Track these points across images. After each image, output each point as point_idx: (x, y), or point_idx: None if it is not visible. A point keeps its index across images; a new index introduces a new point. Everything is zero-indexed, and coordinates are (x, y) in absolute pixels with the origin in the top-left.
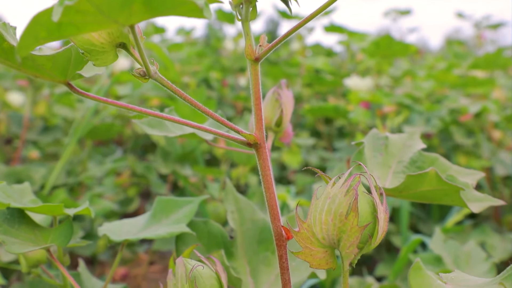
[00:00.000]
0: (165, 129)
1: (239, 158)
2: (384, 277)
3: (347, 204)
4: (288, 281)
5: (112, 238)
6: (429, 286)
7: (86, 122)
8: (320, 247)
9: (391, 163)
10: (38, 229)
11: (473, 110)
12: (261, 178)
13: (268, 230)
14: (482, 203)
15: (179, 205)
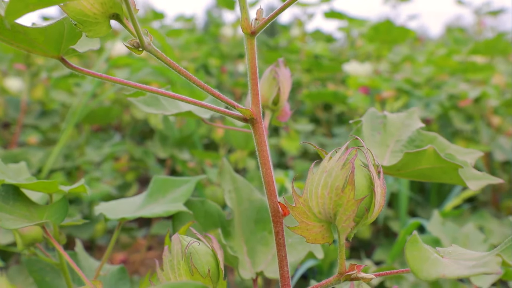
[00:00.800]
0: (161, 107)
1: (237, 142)
2: (382, 261)
3: (344, 178)
4: (285, 257)
5: (109, 217)
6: (425, 259)
7: (84, 106)
8: (316, 221)
9: (389, 142)
10: (33, 206)
11: (472, 95)
12: (257, 154)
13: (265, 210)
14: (481, 181)
15: (176, 184)
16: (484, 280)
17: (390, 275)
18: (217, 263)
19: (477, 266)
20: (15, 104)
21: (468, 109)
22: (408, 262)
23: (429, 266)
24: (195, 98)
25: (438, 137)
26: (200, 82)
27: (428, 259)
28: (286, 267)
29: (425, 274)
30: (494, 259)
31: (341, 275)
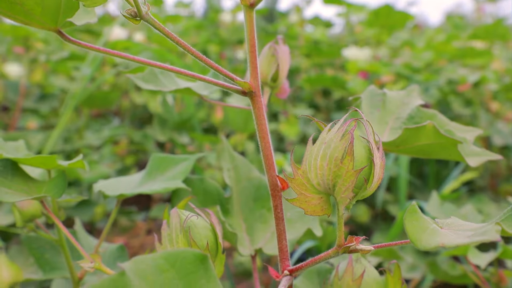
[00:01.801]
0: (159, 84)
1: (236, 125)
2: None
3: (343, 148)
4: (283, 231)
5: (108, 193)
6: (424, 229)
7: (83, 89)
8: (315, 193)
9: (388, 120)
10: (32, 181)
11: (472, 79)
12: (256, 128)
13: (264, 188)
14: (480, 157)
15: (175, 162)
16: (482, 259)
17: (388, 255)
18: (216, 237)
19: (476, 234)
20: (14, 87)
21: (467, 94)
22: (407, 231)
23: (428, 236)
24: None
25: (438, 115)
26: (198, 53)
27: (427, 229)
28: (285, 241)
29: (424, 243)
30: (493, 227)
31: (339, 247)
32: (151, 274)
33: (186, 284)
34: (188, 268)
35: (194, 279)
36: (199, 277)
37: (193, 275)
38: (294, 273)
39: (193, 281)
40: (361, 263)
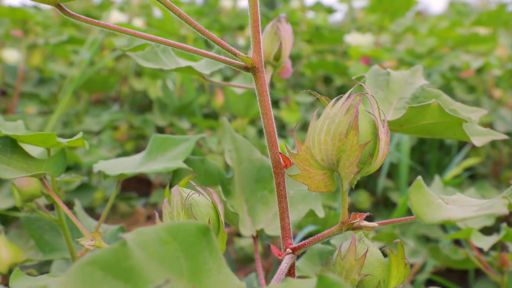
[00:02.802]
0: (160, 62)
1: (237, 109)
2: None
3: (347, 123)
4: (286, 209)
5: (108, 173)
6: (429, 203)
7: (82, 73)
8: (318, 169)
9: (392, 100)
10: (31, 159)
11: (475, 65)
12: (259, 104)
13: (266, 169)
14: (485, 137)
15: (176, 142)
16: (485, 241)
17: (390, 240)
18: (218, 215)
19: (483, 208)
20: (13, 71)
21: (470, 80)
22: (412, 206)
23: (433, 210)
24: (192, 60)
25: (443, 95)
26: (200, 27)
27: (432, 203)
28: (287, 219)
29: (429, 217)
30: (500, 201)
31: (343, 224)
32: (153, 245)
33: (188, 256)
34: (191, 240)
35: (197, 251)
36: (201, 249)
37: (195, 247)
38: (297, 251)
39: (196, 253)
40: (364, 243)
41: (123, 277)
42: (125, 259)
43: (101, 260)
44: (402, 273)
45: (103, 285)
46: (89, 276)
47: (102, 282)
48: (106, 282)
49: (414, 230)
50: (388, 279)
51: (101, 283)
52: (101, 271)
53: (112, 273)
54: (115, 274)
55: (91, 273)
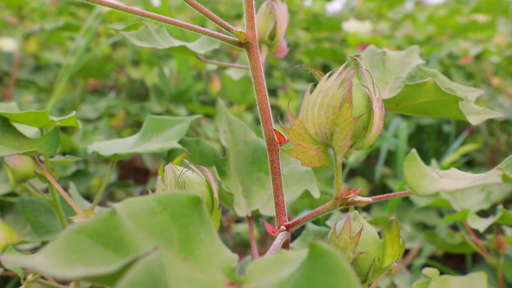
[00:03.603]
0: (154, 42)
1: (234, 96)
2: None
3: (341, 96)
4: (280, 186)
5: (102, 153)
6: (424, 176)
7: (78, 58)
8: (312, 143)
9: (388, 79)
10: (24, 138)
11: (473, 51)
12: (253, 80)
13: (261, 151)
14: (481, 116)
15: (171, 124)
16: (481, 223)
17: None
18: (211, 193)
19: (478, 180)
20: (8, 57)
21: (468, 67)
22: (406, 179)
23: (428, 182)
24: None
25: (439, 74)
26: (196, 3)
27: (426, 176)
28: (282, 196)
29: (423, 189)
30: (495, 172)
31: (337, 200)
32: (143, 216)
33: (179, 227)
34: (181, 211)
35: (188, 222)
36: (192, 221)
37: (186, 218)
38: (291, 228)
39: (187, 224)
40: (359, 222)
41: (112, 246)
42: (115, 228)
43: (90, 229)
44: (397, 251)
45: (92, 254)
46: (78, 244)
47: (91, 251)
48: (95, 251)
49: (411, 216)
50: (383, 257)
51: (89, 251)
52: (90, 240)
53: (101, 242)
54: (104, 243)
55: (80, 242)
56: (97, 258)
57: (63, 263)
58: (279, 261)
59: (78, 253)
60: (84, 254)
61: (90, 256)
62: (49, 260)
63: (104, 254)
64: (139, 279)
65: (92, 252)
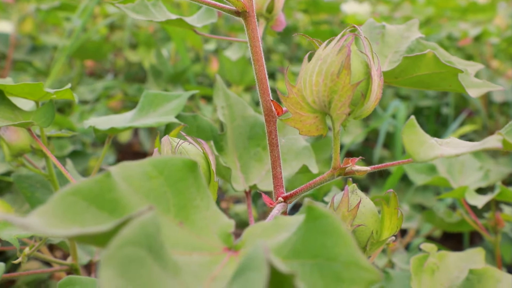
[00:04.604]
0: (150, 15)
1: (232, 76)
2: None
3: (339, 63)
4: (278, 157)
5: (98, 128)
6: (422, 142)
7: (74, 39)
8: (310, 112)
9: (387, 53)
10: (19, 111)
11: (473, 33)
12: (250, 50)
13: (259, 126)
14: (481, 88)
15: (168, 99)
16: (479, 200)
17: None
18: (209, 164)
19: (477, 145)
20: (4, 38)
21: (468, 49)
22: (405, 145)
23: (427, 149)
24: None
25: (439, 48)
26: None
27: (425, 142)
28: (279, 168)
29: (422, 155)
30: (495, 137)
31: (335, 169)
32: (139, 179)
33: (175, 192)
34: (177, 175)
35: (184, 187)
36: (188, 186)
37: (182, 182)
38: (288, 200)
39: (182, 189)
40: (357, 194)
41: (107, 209)
42: (110, 191)
43: (84, 190)
44: (395, 223)
45: (86, 215)
46: (72, 206)
47: (85, 213)
48: (89, 213)
49: (409, 198)
50: (381, 230)
51: (84, 213)
52: (84, 201)
53: (96, 204)
54: (99, 205)
55: (74, 203)
56: (92, 220)
57: (56, 223)
58: (276, 226)
59: (72, 215)
60: (79, 215)
61: (85, 218)
62: (43, 220)
63: (99, 216)
64: (133, 237)
65: (86, 214)
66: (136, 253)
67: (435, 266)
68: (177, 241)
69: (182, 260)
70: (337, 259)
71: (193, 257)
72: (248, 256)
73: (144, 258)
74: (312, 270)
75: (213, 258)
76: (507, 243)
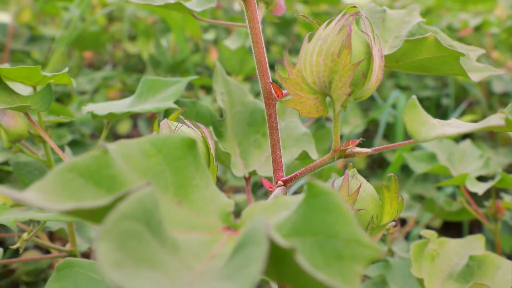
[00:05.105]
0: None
1: (231, 66)
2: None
3: (340, 42)
4: (277, 141)
5: (97, 113)
6: (424, 122)
7: (72, 29)
8: (310, 93)
9: (388, 38)
10: (16, 95)
11: (473, 23)
12: (250, 32)
13: (259, 112)
14: (483, 73)
15: (166, 84)
16: (479, 187)
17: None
18: (208, 148)
19: (479, 124)
20: (2, 29)
21: (468, 39)
22: (406, 125)
23: (428, 128)
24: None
25: (440, 32)
26: None
27: (426, 122)
28: (279, 151)
29: (423, 134)
30: (498, 115)
31: (335, 152)
32: (137, 158)
33: (173, 170)
34: (176, 154)
35: (182, 166)
36: (187, 164)
37: (181, 161)
38: (288, 183)
39: (181, 168)
40: (357, 179)
41: (104, 186)
42: (107, 167)
43: (81, 166)
44: (395, 208)
45: (83, 192)
46: (68, 182)
47: (82, 190)
48: (86, 190)
49: (408, 188)
50: (381, 214)
51: (81, 190)
52: (81, 178)
53: (93, 181)
54: (96, 181)
55: (70, 180)
56: (89, 197)
57: (53, 199)
58: (276, 205)
59: (70, 191)
60: (76, 192)
61: (82, 195)
62: (40, 195)
63: (96, 193)
64: (131, 212)
65: (83, 191)
66: (134, 227)
67: (435, 252)
68: (176, 220)
69: (181, 238)
70: (337, 236)
71: (192, 236)
72: (247, 231)
73: (142, 233)
74: (312, 248)
75: (212, 237)
76: (506, 233)
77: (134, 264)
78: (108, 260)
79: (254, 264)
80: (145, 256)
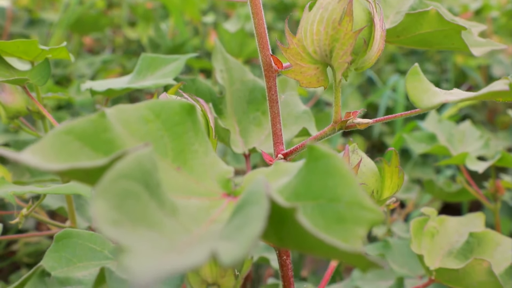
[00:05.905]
0: None
1: (231, 49)
2: None
3: (341, 10)
4: (277, 114)
5: (95, 89)
6: (426, 90)
7: (71, 11)
8: (311, 63)
9: (389, 13)
10: (14, 69)
11: (474, 6)
12: (249, 3)
13: (259, 90)
14: (484, 47)
15: (166, 62)
16: (479, 165)
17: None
18: (207, 122)
19: (482, 91)
20: (1, 12)
21: None
22: (408, 92)
23: (430, 95)
24: None
25: (442, 7)
26: None
27: (429, 90)
28: (279, 124)
29: (425, 102)
30: (502, 81)
31: (336, 123)
32: (135, 123)
33: (172, 136)
34: (175, 119)
35: (181, 131)
36: (186, 130)
37: (180, 126)
38: (288, 156)
39: (180, 133)
40: (358, 154)
41: (102, 150)
42: (105, 131)
43: (78, 130)
44: (396, 182)
45: (80, 156)
46: (65, 145)
47: (79, 153)
48: (83, 154)
49: (408, 172)
50: (382, 189)
51: (78, 154)
52: (78, 141)
53: (90, 144)
54: (93, 145)
55: (68, 143)
56: (86, 160)
57: (50, 160)
58: (276, 171)
59: (67, 154)
60: (73, 155)
61: (79, 159)
62: (37, 157)
63: (94, 156)
64: (129, 171)
65: (80, 154)
66: (132, 187)
67: (435, 230)
68: (175, 185)
69: (180, 203)
70: (339, 200)
71: (191, 201)
72: (247, 192)
73: (140, 193)
74: (314, 212)
75: (212, 203)
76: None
77: (132, 223)
78: (106, 218)
79: (254, 223)
80: (143, 216)
